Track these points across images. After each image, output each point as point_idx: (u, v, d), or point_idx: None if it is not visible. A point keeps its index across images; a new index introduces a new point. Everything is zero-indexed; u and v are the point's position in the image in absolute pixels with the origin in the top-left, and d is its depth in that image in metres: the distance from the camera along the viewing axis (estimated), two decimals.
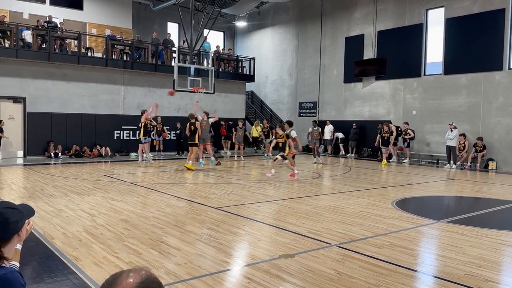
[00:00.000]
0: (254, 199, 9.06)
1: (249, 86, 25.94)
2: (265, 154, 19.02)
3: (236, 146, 18.53)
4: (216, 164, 15.25)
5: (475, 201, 9.77)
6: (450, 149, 16.59)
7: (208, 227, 6.53)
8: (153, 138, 18.71)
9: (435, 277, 4.65)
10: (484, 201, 9.63)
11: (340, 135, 21.23)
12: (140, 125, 15.77)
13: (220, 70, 22.10)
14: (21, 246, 2.27)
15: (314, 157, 17.57)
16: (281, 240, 5.85)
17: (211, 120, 15.00)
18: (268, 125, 19.73)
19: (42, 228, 6.25)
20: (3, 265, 1.81)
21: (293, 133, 13.04)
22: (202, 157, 15.04)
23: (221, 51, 23.36)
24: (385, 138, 17.72)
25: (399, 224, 6.89)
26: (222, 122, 20.68)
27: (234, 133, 18.82)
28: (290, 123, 13.21)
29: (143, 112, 15.74)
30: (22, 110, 16.89)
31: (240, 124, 18.71)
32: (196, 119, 14.22)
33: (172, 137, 20.16)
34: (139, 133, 15.81)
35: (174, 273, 4.48)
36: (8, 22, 16.92)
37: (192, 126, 14.04)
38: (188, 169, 13.79)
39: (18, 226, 1.94)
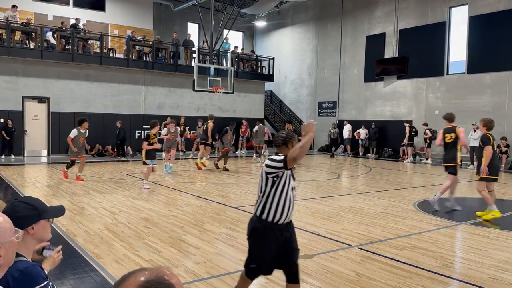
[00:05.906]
0: None
1: (268, 86, 25.92)
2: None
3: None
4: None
5: (499, 203, 9.49)
6: (473, 150, 16.21)
7: (227, 226, 6.55)
8: None
9: (457, 280, 4.56)
10: (509, 203, 9.39)
11: (363, 134, 20.84)
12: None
13: (239, 70, 22.14)
14: (51, 253, 2.30)
15: (259, 156, 17.13)
16: (300, 241, 5.79)
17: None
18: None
19: (65, 225, 6.38)
20: (25, 259, 1.86)
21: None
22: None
23: (241, 51, 23.40)
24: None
25: (420, 226, 6.78)
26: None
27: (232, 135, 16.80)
28: None
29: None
30: (46, 110, 17.29)
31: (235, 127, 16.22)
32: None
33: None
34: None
35: (193, 272, 4.52)
36: (33, 24, 17.32)
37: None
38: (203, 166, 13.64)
39: (25, 222, 1.87)
